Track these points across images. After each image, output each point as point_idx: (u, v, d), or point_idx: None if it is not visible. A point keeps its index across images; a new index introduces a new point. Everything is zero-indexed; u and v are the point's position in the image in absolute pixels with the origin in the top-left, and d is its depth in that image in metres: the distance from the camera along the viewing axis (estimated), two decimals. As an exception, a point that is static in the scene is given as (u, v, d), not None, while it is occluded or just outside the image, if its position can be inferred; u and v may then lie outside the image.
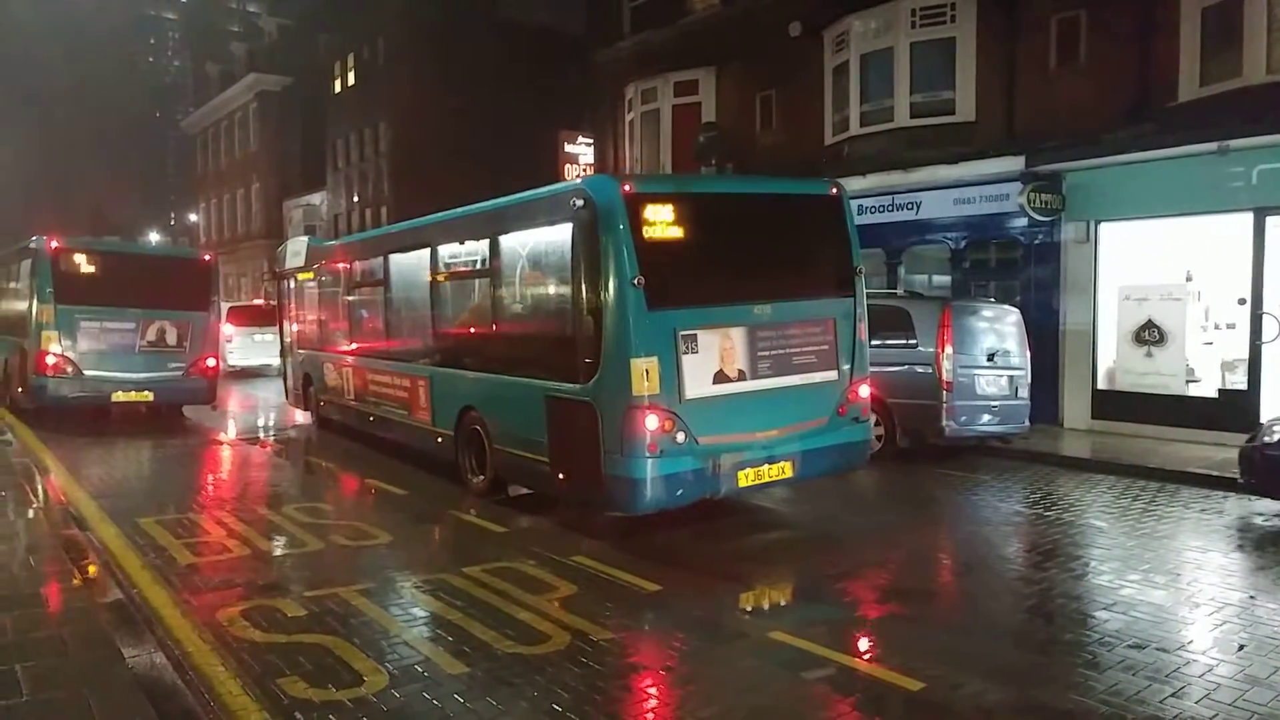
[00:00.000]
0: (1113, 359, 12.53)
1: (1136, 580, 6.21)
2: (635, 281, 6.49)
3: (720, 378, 6.89)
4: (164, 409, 13.95)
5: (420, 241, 10.01)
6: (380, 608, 5.46)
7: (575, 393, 6.96)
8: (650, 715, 4.20)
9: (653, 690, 4.36)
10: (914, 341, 10.52)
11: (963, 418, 10.41)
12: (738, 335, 6.99)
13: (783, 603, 5.96)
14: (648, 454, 6.48)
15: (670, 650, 4.94)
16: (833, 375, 7.55)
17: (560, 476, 7.32)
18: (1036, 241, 13.17)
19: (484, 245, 8.62)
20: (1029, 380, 11.11)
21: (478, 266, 8.83)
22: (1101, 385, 12.61)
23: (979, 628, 5.39)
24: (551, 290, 7.76)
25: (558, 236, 7.36)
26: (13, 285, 14.79)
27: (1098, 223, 12.65)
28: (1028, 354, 11.14)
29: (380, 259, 11.12)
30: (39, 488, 8.32)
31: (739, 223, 7.50)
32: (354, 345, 11.94)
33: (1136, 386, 11.99)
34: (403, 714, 4.03)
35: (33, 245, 13.38)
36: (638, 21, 20.33)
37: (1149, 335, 11.86)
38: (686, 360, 6.69)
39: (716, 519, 8.09)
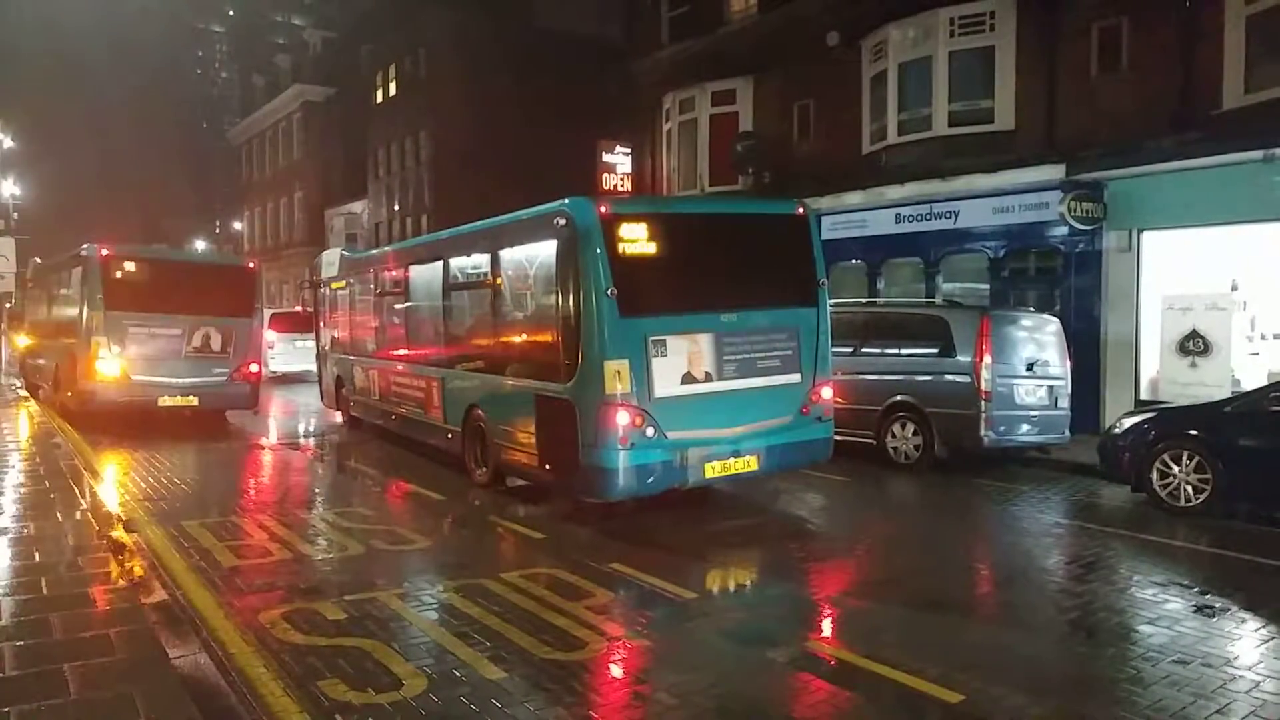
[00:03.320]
0: (1156, 369, 12.30)
1: (1181, 594, 6.09)
2: (609, 292, 7.20)
3: (688, 379, 7.56)
4: (207, 413, 14.23)
5: (433, 254, 10.83)
6: (419, 612, 5.53)
7: (558, 392, 7.67)
8: (685, 724, 4.19)
9: (696, 700, 4.35)
10: (952, 351, 10.42)
11: (1001, 428, 10.29)
12: (705, 341, 7.64)
13: (819, 613, 5.92)
14: (619, 446, 7.18)
15: (710, 659, 4.92)
16: (796, 378, 8.13)
17: (546, 467, 8.05)
18: (1077, 250, 12.99)
19: (485, 259, 9.37)
20: (1069, 390, 10.95)
21: (479, 278, 9.58)
22: (1144, 395, 12.40)
23: (1019, 640, 5.32)
24: (540, 300, 8.42)
25: (544, 251, 8.07)
26: (64, 292, 15.21)
27: (1140, 231, 12.46)
28: (1068, 364, 10.99)
29: (401, 269, 11.83)
30: (87, 490, 8.54)
31: (708, 240, 8.15)
32: (379, 349, 12.64)
33: (1180, 397, 11.69)
34: (442, 718, 4.07)
35: (84, 253, 13.73)
36: (676, 31, 20.42)
37: (1193, 345, 11.61)
38: (656, 363, 7.38)
39: (747, 526, 8.12)
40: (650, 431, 7.29)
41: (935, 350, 10.62)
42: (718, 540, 7.58)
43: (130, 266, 13.60)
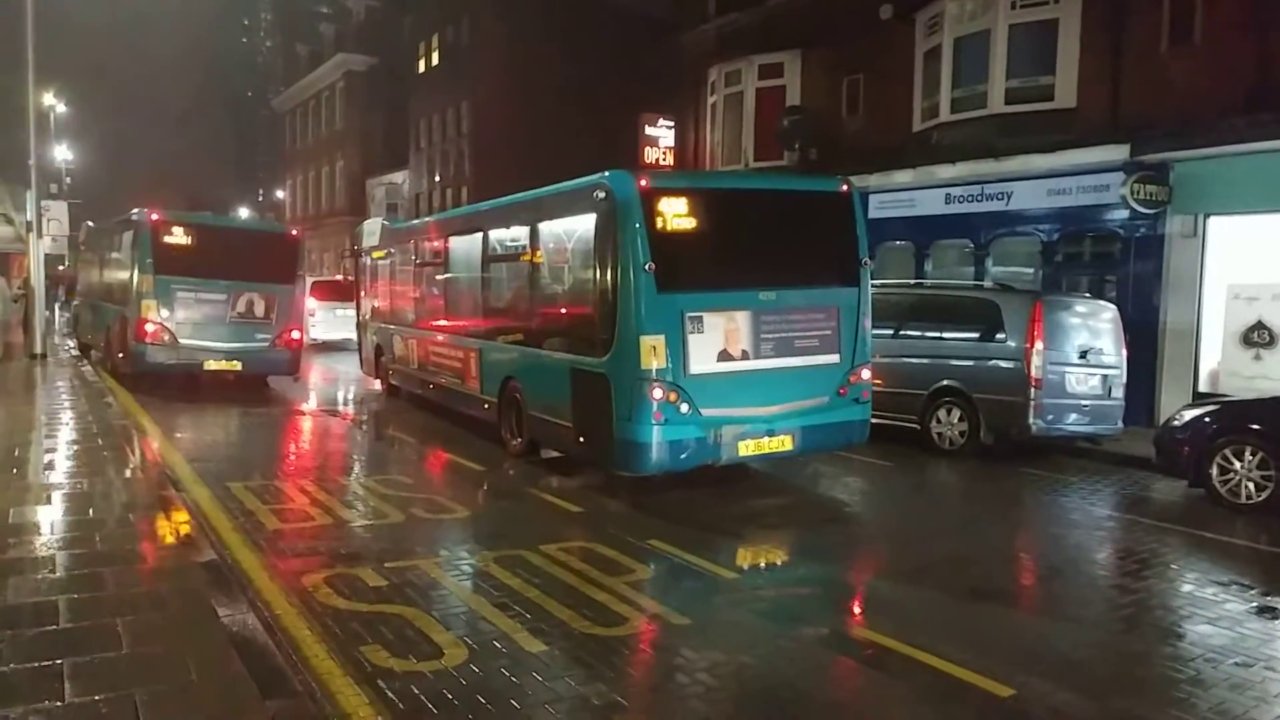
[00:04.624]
0: (1217, 360, 11.90)
1: (1242, 594, 5.88)
2: (646, 267, 7.16)
3: (724, 356, 7.50)
4: (249, 378, 14.42)
5: (473, 226, 10.91)
6: (459, 581, 5.52)
7: (593, 365, 7.67)
8: (733, 708, 4.12)
9: (737, 681, 4.28)
10: (1002, 335, 10.16)
11: (1050, 416, 10.03)
12: (742, 318, 7.55)
13: (861, 597, 5.80)
14: (653, 421, 7.18)
15: (751, 640, 4.85)
16: (834, 359, 8.03)
17: (581, 439, 8.06)
18: (1138, 235, 12.56)
19: (524, 231, 9.38)
20: (1124, 380, 10.63)
21: (518, 250, 9.57)
22: (1203, 388, 12.00)
23: (1070, 635, 5.15)
24: (578, 273, 8.43)
25: (583, 225, 8.06)
26: (115, 255, 15.46)
27: (1206, 216, 12.01)
28: (1124, 353, 10.66)
29: (440, 241, 11.90)
30: (137, 449, 8.69)
31: (748, 216, 8.07)
32: (418, 319, 12.74)
33: (1242, 390, 11.30)
34: (482, 688, 4.05)
35: (134, 217, 13.92)
36: (723, 3, 20.06)
37: (1258, 337, 11.20)
38: (692, 339, 7.32)
39: (786, 506, 8.04)
40: (685, 408, 7.26)
41: (984, 334, 10.36)
42: (757, 520, 7.48)
43: (179, 231, 13.75)
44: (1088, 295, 11.77)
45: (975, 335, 10.49)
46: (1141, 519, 7.93)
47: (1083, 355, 10.22)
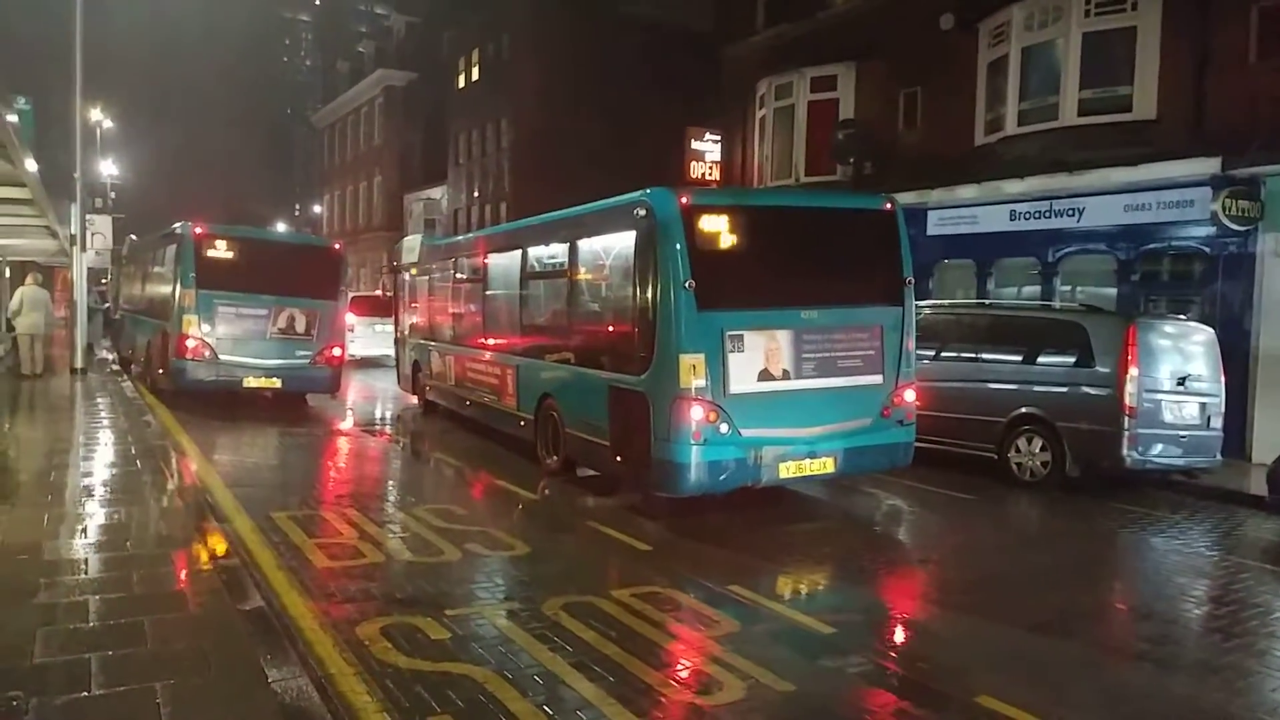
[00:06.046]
0: (1316, 389, 11.09)
1: None
2: (687, 285, 7.02)
3: (765, 376, 7.33)
4: (288, 395, 14.04)
5: (512, 243, 10.77)
6: (529, 634, 4.94)
7: (632, 383, 7.52)
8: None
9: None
10: (1091, 361, 9.46)
11: (1144, 447, 9.30)
12: (783, 337, 7.40)
13: (995, 665, 5.06)
14: (692, 441, 7.01)
15: (867, 709, 4.25)
16: (878, 379, 7.82)
17: (618, 458, 7.89)
18: (1226, 253, 11.79)
19: (563, 248, 9.18)
20: (1223, 409, 9.88)
21: (557, 267, 9.41)
22: (1300, 418, 11.17)
23: (1217, 704, 4.48)
24: (617, 291, 8.22)
25: (623, 242, 7.91)
26: (157, 269, 15.23)
27: (1303, 234, 11.23)
28: (1222, 379, 9.91)
29: (480, 257, 11.72)
30: (176, 473, 8.28)
31: (791, 234, 7.91)
32: (456, 336, 12.60)
33: (1345, 421, 10.55)
34: (571, 774, 3.49)
35: (178, 230, 13.65)
36: (772, 15, 19.61)
37: (1364, 364, 10.39)
38: (732, 358, 7.16)
39: (868, 545, 7.43)
40: (724, 428, 7.10)
41: (1071, 359, 9.68)
42: (840, 561, 6.88)
43: (222, 245, 13.46)
44: (1181, 317, 11.00)
45: (1059, 359, 9.81)
46: (1267, 565, 7.18)
47: (1180, 382, 9.50)
